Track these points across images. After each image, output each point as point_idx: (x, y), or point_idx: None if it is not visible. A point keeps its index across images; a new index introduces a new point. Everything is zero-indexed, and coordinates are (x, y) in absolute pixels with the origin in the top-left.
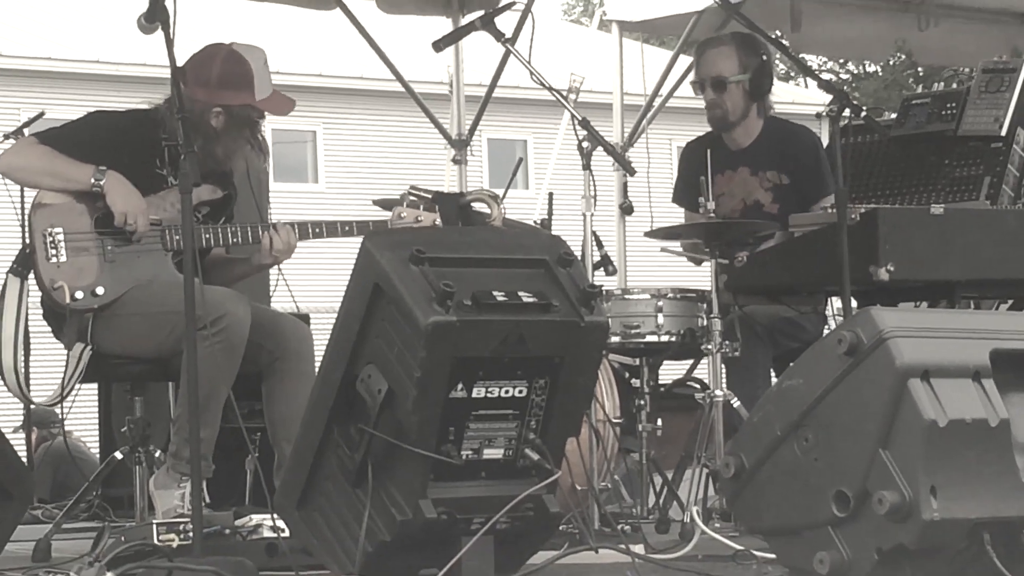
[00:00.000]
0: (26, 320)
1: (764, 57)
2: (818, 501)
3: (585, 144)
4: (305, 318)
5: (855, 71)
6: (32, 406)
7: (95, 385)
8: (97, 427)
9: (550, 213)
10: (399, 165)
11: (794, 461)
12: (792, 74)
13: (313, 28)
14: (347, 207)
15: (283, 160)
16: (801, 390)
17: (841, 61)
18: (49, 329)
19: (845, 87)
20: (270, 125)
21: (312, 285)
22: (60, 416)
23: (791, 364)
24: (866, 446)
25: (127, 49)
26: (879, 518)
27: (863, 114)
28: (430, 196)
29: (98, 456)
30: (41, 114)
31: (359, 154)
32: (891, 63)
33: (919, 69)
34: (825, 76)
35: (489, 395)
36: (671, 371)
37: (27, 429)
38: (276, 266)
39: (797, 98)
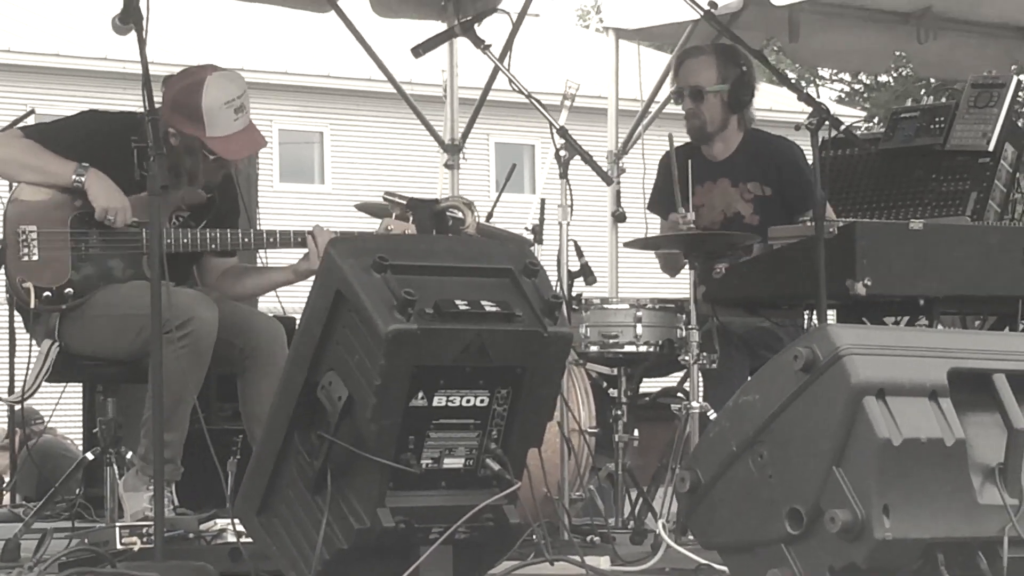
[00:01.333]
0: (11, 315)
1: (744, 68)
2: (772, 518)
3: (563, 153)
4: (290, 321)
5: (867, 82)
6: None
7: (80, 384)
8: (81, 426)
9: (541, 219)
10: (406, 167)
11: (749, 477)
12: (803, 82)
13: (321, 29)
14: (353, 209)
15: (290, 161)
16: (757, 406)
17: (851, 72)
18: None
19: (857, 97)
20: (277, 126)
21: (297, 287)
22: (40, 414)
23: None
24: (820, 463)
25: (129, 47)
26: (831, 536)
27: (843, 128)
28: (404, 202)
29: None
30: (31, 111)
31: (366, 155)
32: (903, 74)
33: (931, 81)
34: (836, 87)
35: (450, 404)
36: (659, 382)
37: (11, 429)
38: None
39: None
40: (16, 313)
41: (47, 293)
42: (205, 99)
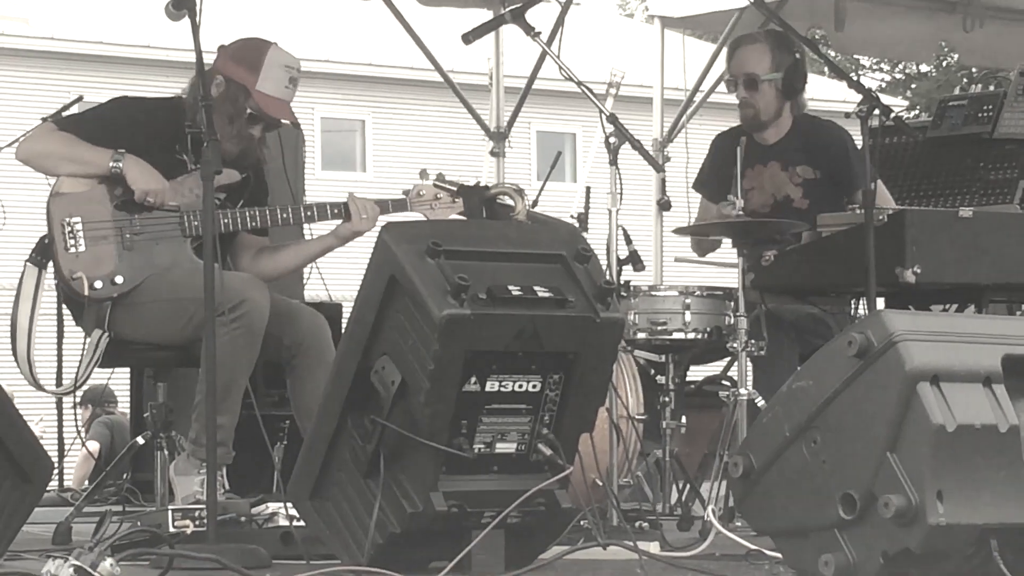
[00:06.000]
0: (59, 307)
1: (798, 55)
2: (825, 503)
3: (612, 140)
4: (337, 307)
5: (909, 71)
6: (46, 393)
7: (127, 369)
8: (129, 410)
9: (587, 207)
10: (447, 155)
11: (802, 463)
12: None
13: (364, 17)
14: (394, 196)
15: (332, 148)
16: (810, 391)
17: (894, 61)
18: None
19: (899, 87)
20: (319, 114)
21: (345, 274)
22: (115, 396)
23: None
24: (874, 449)
25: (174, 34)
26: (885, 522)
27: (893, 116)
28: (455, 188)
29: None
30: (80, 98)
31: (407, 143)
32: (944, 64)
33: (973, 70)
34: (877, 75)
35: (503, 389)
36: (705, 370)
37: (59, 417)
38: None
39: (850, 96)
40: (64, 306)
41: (98, 283)
42: (269, 55)
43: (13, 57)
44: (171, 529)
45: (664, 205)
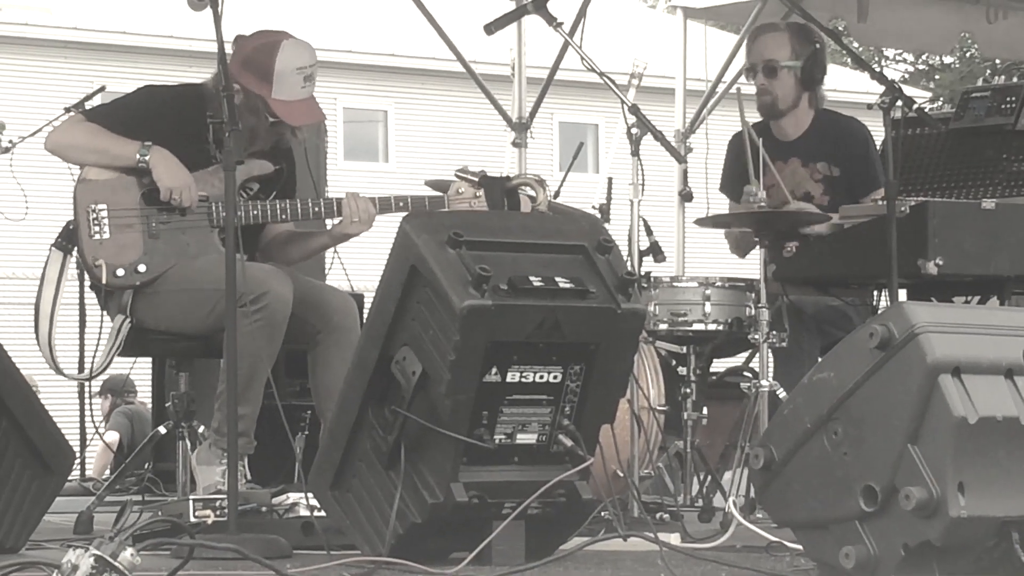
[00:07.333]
0: (81, 294)
1: (817, 46)
2: (846, 495)
3: (634, 131)
4: (359, 297)
5: (930, 62)
6: (65, 378)
7: (149, 359)
8: (151, 400)
9: (609, 198)
10: (470, 146)
11: (823, 454)
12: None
13: (386, 7)
14: (417, 187)
15: (354, 139)
16: (832, 383)
17: (917, 52)
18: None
19: (922, 79)
20: (342, 104)
21: (366, 264)
22: (134, 385)
23: None
24: (895, 441)
25: (196, 23)
26: (906, 514)
27: (915, 107)
28: (476, 179)
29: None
30: (102, 88)
31: (430, 134)
32: (967, 55)
33: (996, 62)
34: (899, 67)
35: (524, 380)
36: (726, 360)
37: (81, 403)
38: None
39: (872, 87)
40: (90, 290)
41: (120, 271)
42: (279, 61)
43: (36, 46)
44: (192, 519)
45: (686, 196)
